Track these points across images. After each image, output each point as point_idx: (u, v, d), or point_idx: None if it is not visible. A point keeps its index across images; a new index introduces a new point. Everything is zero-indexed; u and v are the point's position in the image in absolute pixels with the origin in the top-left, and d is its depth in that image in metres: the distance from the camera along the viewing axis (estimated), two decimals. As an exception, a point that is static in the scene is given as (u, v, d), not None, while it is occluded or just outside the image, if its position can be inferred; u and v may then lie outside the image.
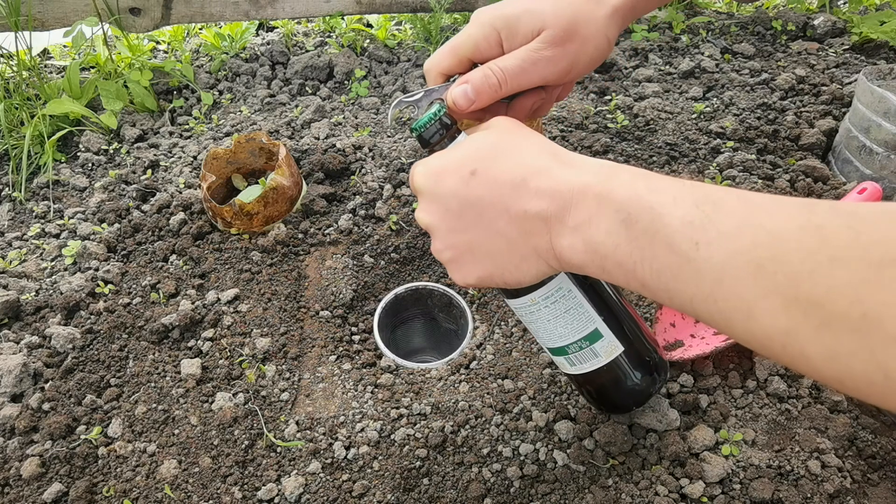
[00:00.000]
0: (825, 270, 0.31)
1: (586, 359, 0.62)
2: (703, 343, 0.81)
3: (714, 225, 0.36)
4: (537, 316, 0.60)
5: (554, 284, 0.57)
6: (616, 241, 0.41)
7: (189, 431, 0.79)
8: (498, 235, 0.48)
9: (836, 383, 0.32)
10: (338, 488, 0.72)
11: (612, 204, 0.42)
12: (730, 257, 0.35)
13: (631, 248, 0.40)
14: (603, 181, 0.43)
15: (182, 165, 1.23)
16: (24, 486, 0.74)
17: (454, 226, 0.49)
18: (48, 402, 0.82)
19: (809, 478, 0.70)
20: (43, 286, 1.00)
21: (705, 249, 0.36)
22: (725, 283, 0.35)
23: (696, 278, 0.37)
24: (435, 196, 0.49)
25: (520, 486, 0.71)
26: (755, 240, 0.34)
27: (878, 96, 0.99)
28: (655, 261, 0.39)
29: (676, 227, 0.38)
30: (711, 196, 0.38)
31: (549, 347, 0.63)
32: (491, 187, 0.47)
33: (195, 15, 1.51)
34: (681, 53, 1.50)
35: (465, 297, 0.99)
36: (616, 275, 0.43)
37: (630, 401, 0.69)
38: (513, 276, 0.50)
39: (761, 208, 0.36)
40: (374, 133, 1.29)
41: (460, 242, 0.49)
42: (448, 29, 1.56)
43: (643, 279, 0.40)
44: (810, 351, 0.32)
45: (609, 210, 0.42)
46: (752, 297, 0.34)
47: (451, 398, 0.81)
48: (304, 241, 1.06)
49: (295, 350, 0.89)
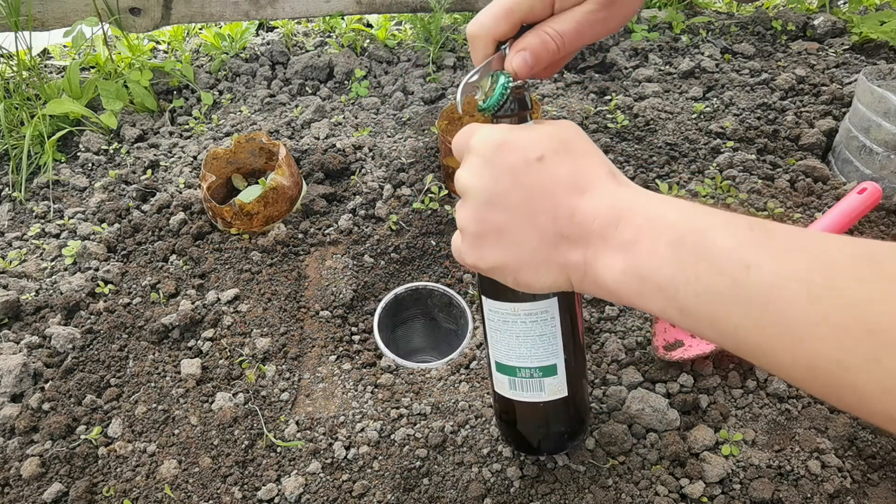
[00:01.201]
0: (882, 298, 0.30)
1: (530, 388, 0.60)
2: (703, 343, 0.81)
3: (766, 249, 0.35)
4: (508, 328, 0.57)
5: (542, 305, 0.55)
6: (659, 263, 0.40)
7: (189, 431, 0.79)
8: (534, 230, 0.46)
9: (887, 419, 0.31)
10: (338, 488, 0.72)
11: (660, 224, 0.40)
12: (780, 282, 0.34)
13: (674, 270, 0.39)
14: (655, 205, 0.42)
15: (182, 165, 1.23)
16: (24, 486, 0.74)
17: (496, 201, 0.46)
18: (48, 402, 0.82)
19: (809, 478, 0.70)
20: (43, 286, 1.00)
21: (756, 273, 0.35)
22: (774, 309, 0.34)
23: (744, 303, 0.35)
24: (490, 164, 0.46)
25: (520, 486, 0.71)
26: (809, 266, 0.33)
27: (878, 96, 0.99)
28: (700, 283, 0.37)
29: (727, 249, 0.36)
30: (763, 223, 0.37)
31: (498, 361, 0.60)
32: (549, 179, 0.45)
33: (195, 15, 1.51)
34: (681, 53, 1.50)
35: (465, 297, 0.99)
36: (652, 300, 0.41)
37: (543, 445, 0.67)
38: (526, 277, 0.48)
39: (813, 237, 0.35)
40: (374, 133, 1.29)
41: (493, 220, 0.47)
42: (448, 29, 1.56)
43: (683, 304, 0.39)
44: (862, 382, 0.31)
45: (657, 231, 0.40)
46: (802, 325, 0.32)
47: (451, 398, 0.81)
48: (304, 241, 1.06)
49: (295, 350, 0.89)
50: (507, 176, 0.46)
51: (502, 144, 0.46)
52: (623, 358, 0.83)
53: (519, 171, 0.45)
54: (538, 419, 0.64)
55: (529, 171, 0.45)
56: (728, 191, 1.06)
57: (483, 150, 0.47)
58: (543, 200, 0.45)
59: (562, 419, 0.64)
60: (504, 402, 0.64)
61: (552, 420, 0.64)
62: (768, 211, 1.01)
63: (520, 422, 0.66)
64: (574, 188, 0.45)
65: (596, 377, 0.82)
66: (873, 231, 0.98)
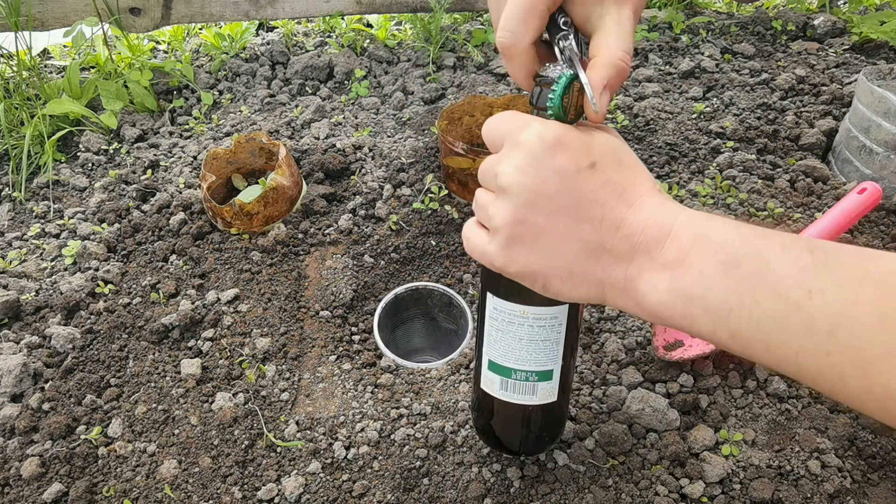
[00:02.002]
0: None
1: (521, 391, 0.58)
2: (703, 343, 0.81)
3: (829, 272, 0.34)
4: (512, 329, 0.55)
5: (554, 311, 0.53)
6: (710, 285, 0.38)
7: (189, 431, 0.79)
8: (576, 239, 0.43)
9: None
10: (338, 488, 0.72)
11: (710, 245, 0.39)
12: (848, 308, 0.32)
13: (727, 293, 0.37)
14: (702, 222, 0.40)
15: (182, 165, 1.23)
16: (24, 486, 0.74)
17: (540, 203, 0.43)
18: (48, 402, 0.82)
19: (809, 478, 0.70)
20: (43, 286, 1.00)
21: (819, 297, 0.34)
22: (841, 336, 0.33)
23: (806, 329, 0.34)
24: (539, 163, 0.43)
25: (520, 486, 0.71)
26: (878, 292, 0.32)
27: (878, 96, 0.99)
28: (757, 308, 0.36)
29: (787, 273, 0.35)
30: (822, 244, 0.36)
31: (492, 360, 0.58)
32: (599, 188, 0.43)
33: (195, 15, 1.51)
34: (681, 53, 1.50)
35: (465, 297, 0.99)
36: (701, 323, 0.39)
37: (523, 446, 0.66)
38: (557, 286, 0.45)
39: (873, 259, 0.34)
40: (374, 133, 1.29)
41: (533, 223, 0.43)
42: (448, 29, 1.56)
43: (736, 329, 0.37)
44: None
45: (707, 251, 0.39)
46: (872, 353, 0.31)
47: (451, 398, 0.81)
48: (304, 241, 1.06)
49: (295, 350, 0.89)
50: (556, 178, 0.43)
51: (557, 145, 0.43)
52: (623, 358, 0.83)
53: (570, 175, 0.43)
54: (523, 421, 0.63)
55: (580, 177, 0.43)
56: (728, 191, 1.06)
57: (535, 146, 0.43)
58: (591, 209, 0.43)
59: (546, 422, 0.63)
60: (489, 401, 0.62)
61: (536, 423, 0.63)
62: (768, 211, 1.01)
63: (503, 422, 0.64)
64: (622, 200, 0.43)
65: (596, 377, 0.82)
66: (873, 231, 0.98)
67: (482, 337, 0.59)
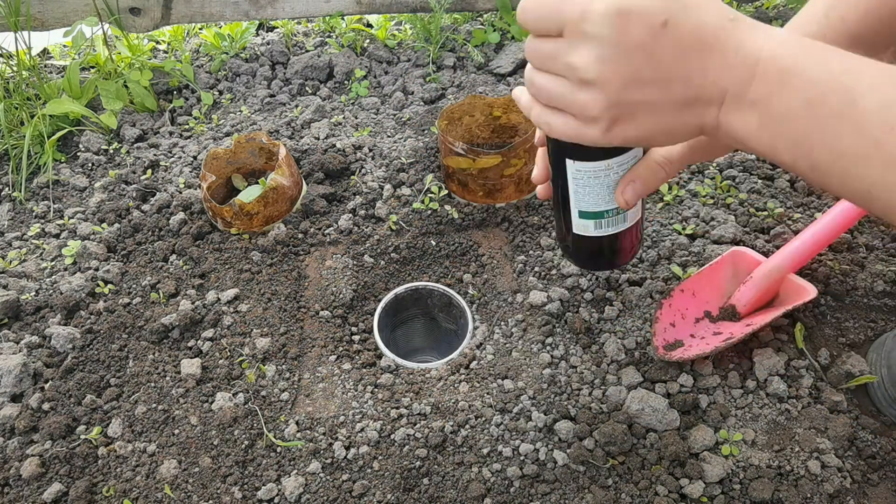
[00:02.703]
0: None
1: (615, 224, 0.62)
2: (703, 343, 0.81)
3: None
4: (599, 181, 0.58)
5: (633, 153, 0.56)
6: (795, 122, 0.39)
7: (189, 431, 0.79)
8: (670, 99, 0.43)
9: None
10: (338, 488, 0.73)
11: (797, 81, 0.39)
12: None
13: (811, 128, 0.39)
14: (791, 53, 0.40)
15: (182, 165, 1.23)
16: (24, 486, 0.74)
17: (632, 83, 0.43)
18: (48, 402, 0.82)
19: (809, 478, 0.70)
20: (43, 286, 1.00)
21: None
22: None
23: (883, 165, 0.36)
24: (616, 44, 0.41)
25: (520, 485, 0.71)
26: None
27: (878, 96, 0.98)
28: (838, 143, 0.38)
29: (871, 111, 0.36)
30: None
31: (584, 210, 0.62)
32: (680, 44, 0.42)
33: (195, 15, 1.51)
34: (681, 53, 1.50)
35: (465, 297, 0.99)
36: (785, 154, 0.41)
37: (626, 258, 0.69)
38: (661, 140, 0.47)
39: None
40: (374, 133, 1.29)
41: (631, 102, 0.43)
42: (448, 29, 1.56)
43: (816, 161, 0.39)
44: None
45: (794, 88, 0.39)
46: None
47: (451, 398, 0.81)
48: (304, 241, 1.06)
49: (295, 350, 0.89)
50: (638, 53, 0.42)
51: (624, 16, 0.41)
52: (623, 358, 0.83)
53: (648, 44, 0.41)
54: (620, 243, 0.66)
55: (658, 40, 0.42)
56: (728, 191, 1.07)
57: (604, 30, 0.41)
58: (676, 68, 0.42)
59: (637, 235, 0.67)
60: (586, 241, 0.65)
61: (630, 240, 0.66)
62: (768, 211, 1.01)
63: (603, 251, 0.67)
64: (703, 47, 0.42)
65: (596, 377, 0.82)
66: (873, 231, 0.98)
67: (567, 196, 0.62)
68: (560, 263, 0.96)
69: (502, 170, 1.02)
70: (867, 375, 0.77)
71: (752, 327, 0.79)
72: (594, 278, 0.93)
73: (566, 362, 0.84)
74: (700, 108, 0.44)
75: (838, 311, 0.86)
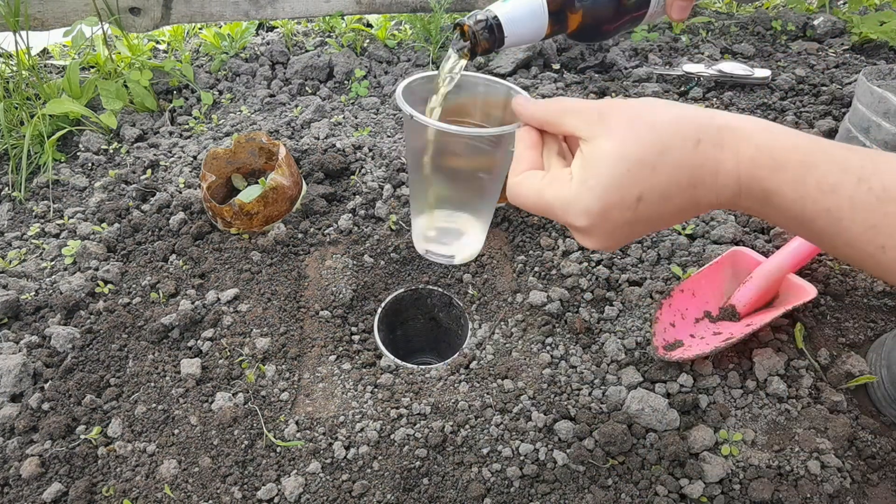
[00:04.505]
0: None
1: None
2: (703, 343, 0.81)
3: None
4: None
5: None
6: (790, 226, 0.43)
7: (189, 431, 0.79)
8: (666, 220, 0.47)
9: None
10: (338, 488, 0.72)
11: (781, 201, 0.41)
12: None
13: (808, 234, 0.42)
14: (767, 174, 0.41)
15: (182, 165, 1.23)
16: (24, 486, 0.74)
17: (627, 235, 0.47)
18: (48, 402, 0.82)
19: (809, 478, 0.70)
20: (43, 286, 1.00)
21: (892, 252, 0.37)
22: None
23: (883, 272, 0.39)
24: (608, 231, 0.46)
25: (520, 485, 0.71)
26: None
27: (878, 96, 0.99)
28: (836, 250, 0.41)
29: (858, 233, 0.38)
30: (890, 189, 0.37)
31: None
32: (663, 201, 0.44)
33: (195, 15, 1.51)
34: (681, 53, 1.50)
35: (464, 297, 0.99)
36: (778, 223, 0.44)
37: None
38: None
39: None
40: (374, 133, 1.29)
41: (624, 238, 0.48)
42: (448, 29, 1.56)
43: (825, 250, 0.43)
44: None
45: (780, 207, 0.42)
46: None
47: (451, 398, 0.81)
48: (304, 241, 1.06)
49: (295, 350, 0.89)
50: (623, 227, 0.46)
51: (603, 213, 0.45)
52: (623, 358, 0.83)
53: (630, 218, 0.45)
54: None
55: (639, 211, 0.45)
56: (728, 191, 1.06)
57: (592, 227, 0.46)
58: (663, 219, 0.46)
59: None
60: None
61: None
62: (768, 211, 1.01)
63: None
64: (685, 190, 0.44)
65: (596, 377, 0.82)
66: (873, 231, 0.98)
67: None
68: (560, 263, 0.96)
69: (502, 170, 1.02)
70: (867, 375, 0.77)
71: (752, 327, 0.79)
72: (594, 278, 0.93)
73: (566, 362, 0.84)
74: (694, 213, 0.47)
75: (838, 311, 0.86)
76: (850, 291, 0.88)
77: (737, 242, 0.95)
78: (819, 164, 0.40)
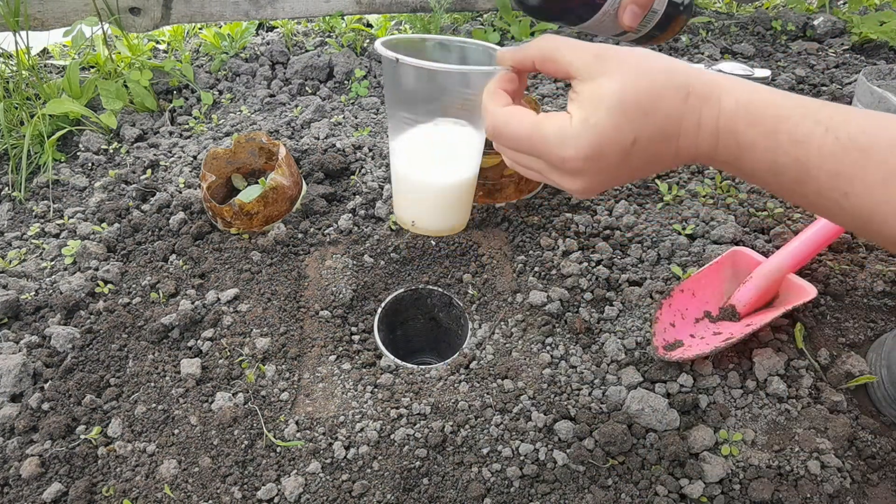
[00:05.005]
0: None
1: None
2: (703, 343, 0.81)
3: (861, 176, 0.39)
4: None
5: None
6: (762, 179, 0.44)
7: (189, 431, 0.79)
8: (646, 171, 0.49)
9: None
10: (338, 488, 0.73)
11: (754, 154, 0.44)
12: (879, 206, 0.38)
13: (778, 187, 0.44)
14: (743, 128, 0.44)
15: (182, 165, 1.23)
16: (24, 486, 0.74)
17: (610, 183, 0.49)
18: (48, 402, 0.82)
19: (809, 478, 0.70)
20: (42, 286, 1.00)
21: (854, 199, 0.39)
22: (875, 224, 0.39)
23: (852, 219, 0.40)
24: (597, 171, 0.48)
25: (520, 485, 0.71)
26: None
27: (878, 96, 0.99)
28: (804, 200, 0.43)
29: (824, 181, 0.40)
30: (858, 139, 0.39)
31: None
32: (650, 148, 0.47)
33: (195, 15, 1.51)
34: (681, 53, 1.50)
35: (464, 297, 0.99)
36: (759, 179, 0.46)
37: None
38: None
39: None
40: (374, 133, 1.29)
41: (611, 183, 0.50)
42: (448, 29, 1.56)
43: (795, 202, 0.45)
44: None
45: (753, 159, 0.44)
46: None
47: (451, 398, 0.81)
48: (304, 241, 1.06)
49: (295, 350, 0.89)
50: (615, 169, 0.47)
51: (598, 153, 0.46)
52: (623, 358, 0.83)
53: (622, 160, 0.47)
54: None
55: (631, 155, 0.47)
56: (728, 191, 1.07)
57: (586, 168, 0.47)
58: (651, 163, 0.48)
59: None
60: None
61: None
62: (768, 211, 1.01)
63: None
64: (670, 138, 0.46)
65: (596, 377, 0.82)
66: (873, 231, 0.98)
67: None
68: (560, 263, 0.96)
69: (502, 170, 1.02)
70: (867, 375, 0.77)
71: (752, 327, 0.79)
72: (594, 278, 0.93)
73: (566, 362, 0.84)
74: (673, 164, 0.50)
75: (838, 311, 0.86)
76: (850, 291, 0.88)
77: (737, 242, 0.95)
78: (792, 117, 0.42)
